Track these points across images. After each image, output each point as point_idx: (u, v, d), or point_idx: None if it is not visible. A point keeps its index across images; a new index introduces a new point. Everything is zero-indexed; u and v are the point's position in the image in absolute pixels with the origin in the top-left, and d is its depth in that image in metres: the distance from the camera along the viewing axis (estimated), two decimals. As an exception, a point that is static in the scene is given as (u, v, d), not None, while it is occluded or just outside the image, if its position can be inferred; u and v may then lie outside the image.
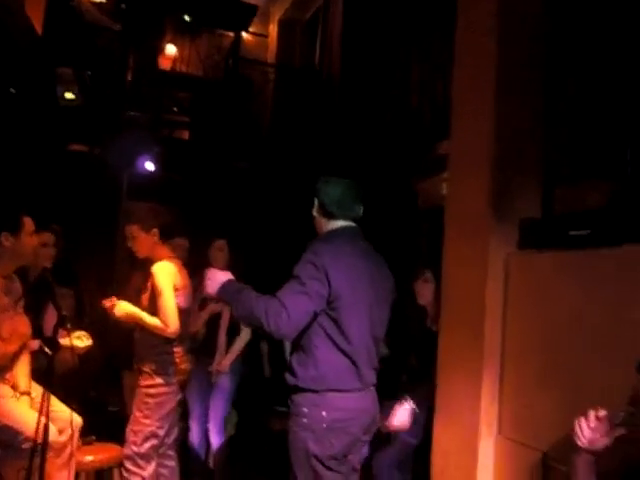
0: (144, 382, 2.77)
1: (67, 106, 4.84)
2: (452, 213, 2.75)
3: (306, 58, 7.00)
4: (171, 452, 2.95)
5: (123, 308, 2.80)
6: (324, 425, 2.04)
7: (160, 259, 2.84)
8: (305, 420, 2.05)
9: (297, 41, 7.35)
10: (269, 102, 6.96)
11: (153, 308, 2.74)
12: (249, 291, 2.06)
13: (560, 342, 2.16)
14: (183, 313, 2.80)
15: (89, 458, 2.88)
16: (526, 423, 2.31)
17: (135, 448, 2.73)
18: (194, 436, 3.60)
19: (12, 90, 4.62)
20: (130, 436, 2.76)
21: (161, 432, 2.77)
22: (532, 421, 2.28)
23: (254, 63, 6.92)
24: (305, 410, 2.05)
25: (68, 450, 2.59)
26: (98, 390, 4.02)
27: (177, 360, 2.82)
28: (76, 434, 2.65)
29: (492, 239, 2.45)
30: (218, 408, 3.51)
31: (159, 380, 2.75)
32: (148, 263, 2.88)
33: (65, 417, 2.54)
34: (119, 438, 2.90)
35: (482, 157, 2.54)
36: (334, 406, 2.06)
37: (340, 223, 2.22)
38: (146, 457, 2.75)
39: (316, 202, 2.23)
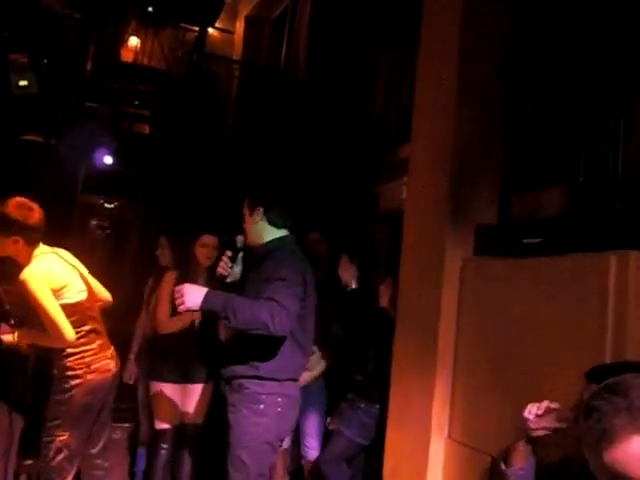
0: (54, 387, 2.48)
1: (21, 94, 4.66)
2: (410, 217, 2.77)
3: (272, 56, 6.95)
4: (99, 461, 2.70)
5: (25, 335, 2.46)
6: (279, 409, 2.26)
7: (28, 261, 2.42)
8: (262, 406, 2.23)
9: (264, 39, 7.30)
10: (233, 99, 6.89)
11: (34, 317, 2.40)
12: (239, 297, 2.15)
13: (511, 349, 2.19)
14: (80, 306, 2.49)
15: (28, 462, 2.77)
16: (475, 427, 2.34)
17: (46, 461, 2.46)
18: (143, 434, 3.51)
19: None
20: (42, 448, 2.48)
21: (74, 442, 2.47)
22: (481, 425, 2.31)
23: (219, 59, 6.84)
24: (263, 397, 2.23)
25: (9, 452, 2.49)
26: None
27: (89, 359, 2.49)
28: (16, 436, 2.54)
29: (448, 244, 2.47)
30: None
31: (71, 383, 2.45)
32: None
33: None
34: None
35: (441, 163, 2.56)
36: (287, 393, 2.29)
37: (283, 232, 2.39)
38: (57, 471, 2.46)
39: (261, 210, 2.34)
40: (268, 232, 2.36)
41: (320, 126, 5.13)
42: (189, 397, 3.13)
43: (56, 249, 2.57)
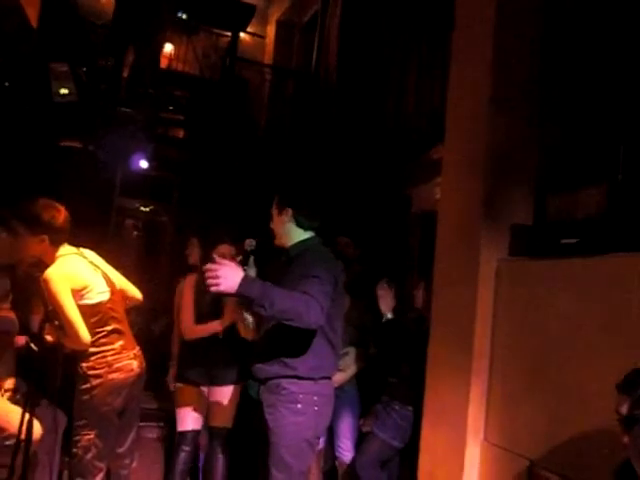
0: (79, 386, 2.49)
1: (62, 102, 4.80)
2: (444, 219, 2.75)
3: (303, 60, 7.01)
4: (127, 460, 2.71)
5: (51, 332, 2.50)
6: (315, 408, 2.27)
7: (52, 261, 2.45)
8: (300, 406, 2.25)
9: (294, 43, 7.37)
10: (265, 103, 6.97)
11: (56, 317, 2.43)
12: (275, 287, 2.13)
13: (548, 350, 2.16)
14: (102, 307, 2.52)
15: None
16: (512, 430, 2.31)
17: (77, 460, 2.49)
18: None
19: (6, 84, 4.59)
20: (72, 447, 2.51)
21: (101, 441, 2.49)
22: (518, 428, 2.28)
23: (251, 63, 6.92)
24: (301, 396, 2.25)
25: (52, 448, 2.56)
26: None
27: (110, 358, 2.51)
28: (60, 434, 2.61)
29: (483, 245, 2.45)
30: None
31: (93, 382, 2.46)
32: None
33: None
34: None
35: (475, 163, 2.54)
36: (323, 392, 2.31)
37: (310, 234, 2.41)
38: (88, 469, 2.48)
39: (290, 212, 2.36)
40: (297, 233, 2.39)
41: (352, 128, 5.13)
42: (216, 400, 3.11)
43: (81, 249, 2.61)
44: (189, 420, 3.10)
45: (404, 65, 4.89)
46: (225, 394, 3.11)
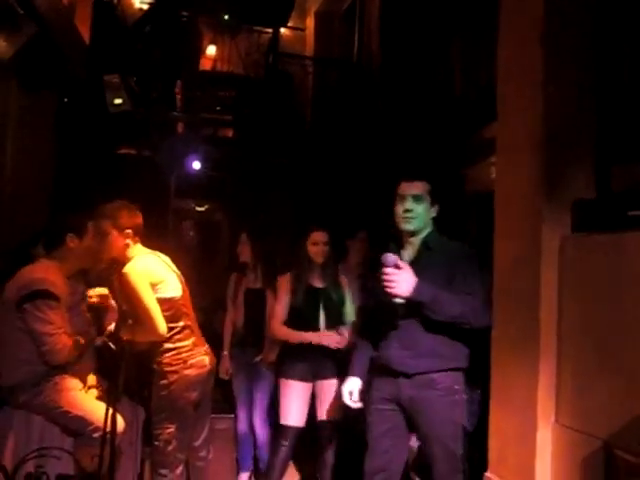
0: (157, 382, 2.62)
1: (116, 112, 5.00)
2: (501, 198, 2.69)
3: (345, 49, 6.98)
4: (202, 453, 2.83)
5: (126, 330, 2.58)
6: (464, 396, 2.42)
7: (128, 260, 2.61)
8: (457, 397, 2.38)
9: (335, 32, 7.34)
10: (310, 95, 6.99)
11: (133, 312, 2.55)
12: (445, 293, 2.27)
13: (620, 326, 2.09)
14: (175, 302, 2.63)
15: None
16: (585, 410, 2.25)
17: (158, 452, 2.62)
18: (241, 424, 3.67)
19: (65, 99, 4.82)
20: (154, 440, 2.65)
21: (180, 434, 2.62)
22: (591, 408, 2.22)
23: (293, 57, 6.96)
24: (457, 387, 2.39)
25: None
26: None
27: (185, 355, 2.62)
28: (140, 426, 2.75)
29: (544, 223, 2.38)
30: (262, 399, 3.54)
31: (170, 378, 2.59)
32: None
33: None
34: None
35: (531, 137, 2.47)
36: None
37: None
38: (170, 460, 2.62)
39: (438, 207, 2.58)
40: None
41: (399, 113, 5.08)
42: (323, 394, 3.17)
43: (155, 251, 2.78)
44: (292, 415, 3.14)
45: (449, 43, 4.79)
46: (331, 388, 3.15)
